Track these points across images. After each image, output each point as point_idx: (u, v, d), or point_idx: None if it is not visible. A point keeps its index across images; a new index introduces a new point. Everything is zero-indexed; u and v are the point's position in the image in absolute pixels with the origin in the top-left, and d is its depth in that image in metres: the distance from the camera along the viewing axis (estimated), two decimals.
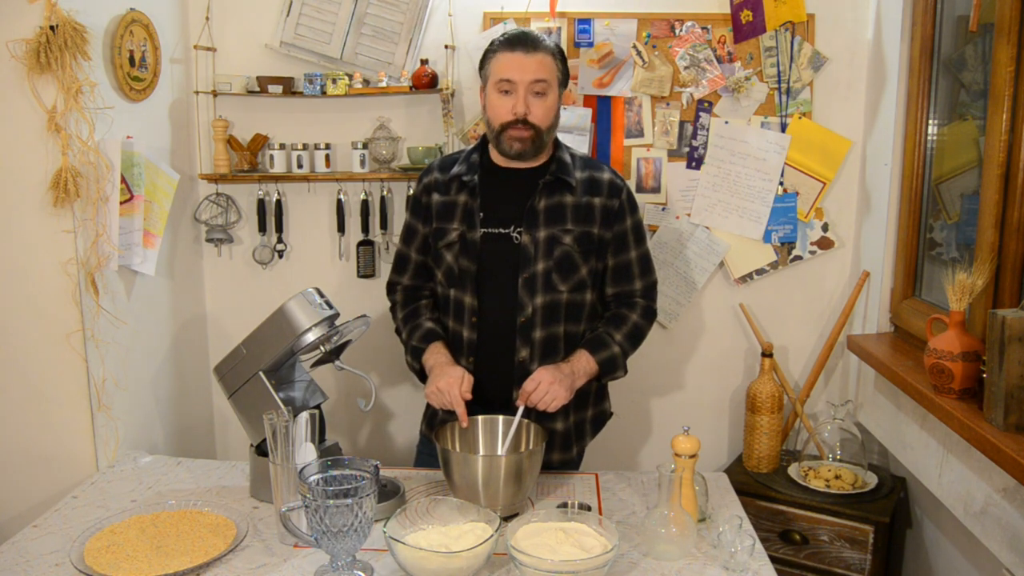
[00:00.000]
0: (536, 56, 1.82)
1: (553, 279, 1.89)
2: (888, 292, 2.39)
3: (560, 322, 1.92)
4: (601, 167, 1.98)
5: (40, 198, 1.92)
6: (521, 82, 1.82)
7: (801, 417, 2.54)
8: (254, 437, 1.84)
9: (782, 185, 2.55)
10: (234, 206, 2.63)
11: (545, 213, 1.89)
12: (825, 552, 2.25)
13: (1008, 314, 1.59)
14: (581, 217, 1.90)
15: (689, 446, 1.61)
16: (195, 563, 1.50)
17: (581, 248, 1.90)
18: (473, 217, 1.91)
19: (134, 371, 2.19)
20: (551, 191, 1.90)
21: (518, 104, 1.82)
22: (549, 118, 1.86)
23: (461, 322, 1.93)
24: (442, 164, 2.01)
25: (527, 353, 1.90)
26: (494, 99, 1.86)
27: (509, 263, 1.89)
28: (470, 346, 1.92)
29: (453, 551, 1.42)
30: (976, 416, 1.70)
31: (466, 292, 1.92)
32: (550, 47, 1.86)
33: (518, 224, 1.89)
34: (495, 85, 1.85)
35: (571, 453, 2.00)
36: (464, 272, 1.91)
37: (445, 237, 1.93)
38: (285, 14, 2.50)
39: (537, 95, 1.83)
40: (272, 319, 1.80)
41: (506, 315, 1.90)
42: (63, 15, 1.86)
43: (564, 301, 1.91)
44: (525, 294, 1.88)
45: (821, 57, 2.48)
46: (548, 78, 1.84)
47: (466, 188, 1.92)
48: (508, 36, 1.86)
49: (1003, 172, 1.79)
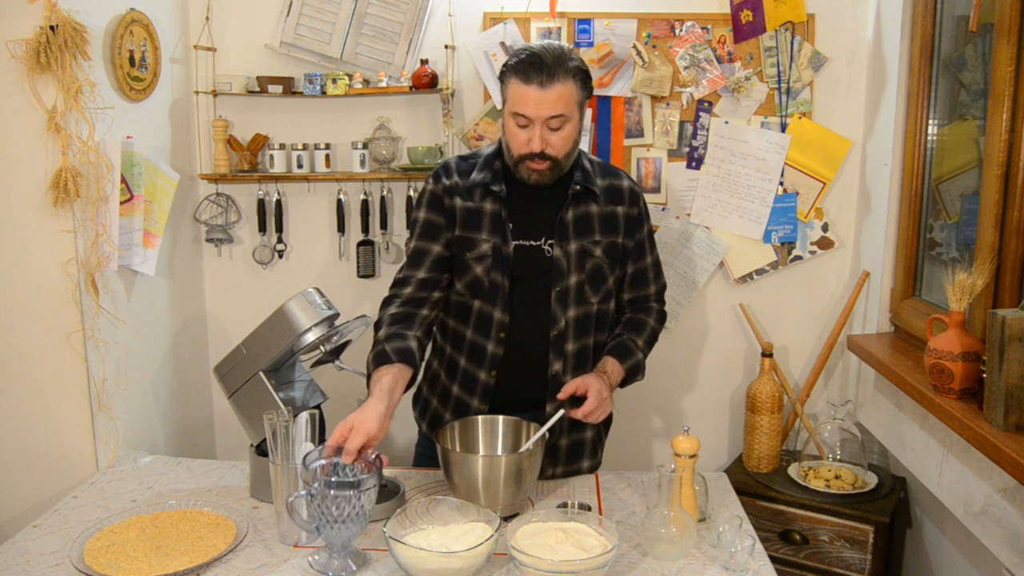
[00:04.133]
0: (553, 90, 1.69)
1: (585, 291, 1.86)
2: (888, 292, 2.39)
3: (591, 334, 1.90)
4: (619, 174, 1.94)
5: (40, 198, 1.92)
6: (537, 119, 1.71)
7: (801, 417, 2.54)
8: (254, 437, 1.84)
9: (782, 185, 2.55)
10: (234, 206, 2.63)
11: (574, 224, 1.85)
12: (825, 552, 2.25)
13: (1008, 314, 1.59)
14: (607, 227, 1.88)
15: (689, 446, 1.61)
16: (195, 563, 1.50)
17: (609, 259, 1.88)
18: (504, 229, 1.83)
19: (134, 371, 2.19)
20: (577, 201, 1.86)
21: (534, 141, 1.73)
22: (567, 147, 1.77)
23: (487, 336, 1.86)
24: (459, 168, 1.89)
25: (560, 366, 1.87)
26: (511, 126, 1.76)
27: (542, 276, 1.85)
28: (494, 360, 1.87)
29: (453, 551, 1.42)
30: (976, 416, 1.70)
31: (496, 306, 1.84)
32: (570, 71, 1.71)
33: (548, 236, 1.84)
34: (511, 114, 1.75)
35: (597, 459, 2.02)
36: (495, 286, 1.84)
37: (474, 248, 1.84)
38: (285, 14, 2.50)
39: (554, 130, 1.74)
40: (272, 319, 1.80)
41: (537, 329, 1.86)
42: (63, 15, 1.86)
43: (595, 312, 1.89)
44: (558, 307, 1.85)
45: (821, 57, 2.48)
46: (566, 111, 1.72)
47: (491, 196, 1.84)
48: (524, 61, 1.71)
49: (1003, 172, 1.79)
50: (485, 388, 1.88)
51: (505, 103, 1.78)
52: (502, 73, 1.77)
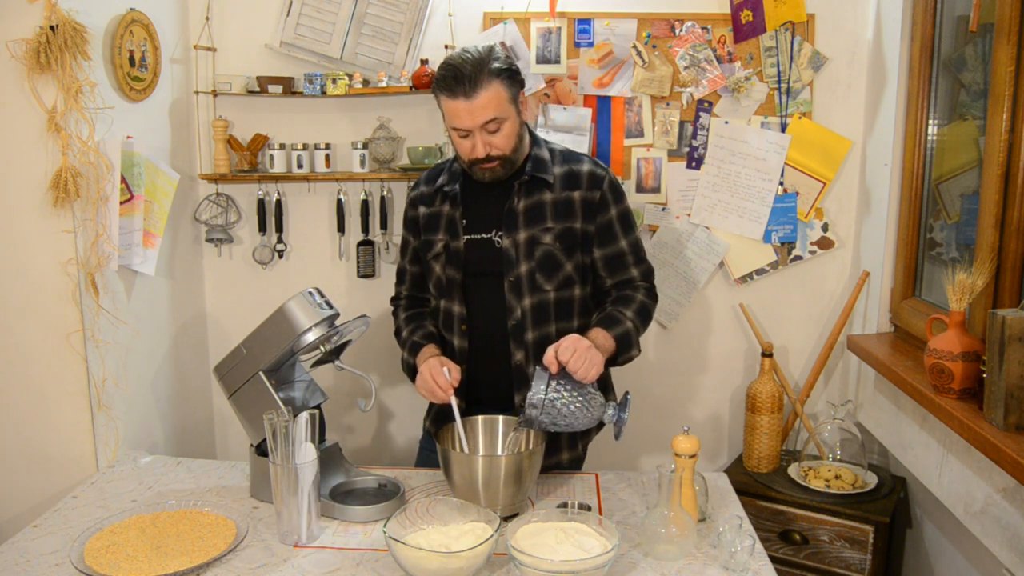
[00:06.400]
0: (478, 99, 1.73)
1: (538, 279, 1.88)
2: (888, 292, 2.39)
3: (551, 321, 1.91)
4: (580, 159, 1.93)
5: (40, 198, 1.92)
6: (473, 127, 1.77)
7: (801, 417, 2.54)
8: (254, 437, 1.84)
9: (782, 185, 2.55)
10: (234, 206, 2.63)
11: (524, 214, 1.87)
12: (825, 552, 2.25)
13: (1008, 314, 1.59)
14: (561, 213, 1.88)
15: (689, 446, 1.61)
16: (195, 563, 1.50)
17: (563, 245, 1.88)
18: (456, 226, 1.90)
19: (134, 371, 2.19)
20: (529, 191, 1.88)
21: (477, 147, 1.79)
22: (511, 143, 1.82)
23: (451, 331, 1.94)
24: (428, 177, 2.02)
25: (522, 356, 1.89)
26: (454, 137, 1.83)
27: (493, 268, 1.89)
28: (462, 354, 1.92)
29: (453, 551, 1.42)
30: (976, 416, 1.70)
31: (454, 301, 1.92)
32: (492, 73, 1.74)
33: (499, 228, 1.88)
34: (451, 128, 1.81)
35: (578, 451, 2.01)
36: (451, 281, 1.92)
37: (432, 248, 1.94)
38: (285, 14, 2.50)
39: (493, 132, 1.79)
40: (272, 319, 1.80)
41: (496, 320, 1.90)
42: (63, 15, 1.86)
43: (552, 300, 1.89)
44: (512, 297, 1.88)
45: (821, 57, 2.48)
46: (498, 113, 1.77)
47: (448, 198, 1.92)
48: (446, 77, 1.75)
49: (1003, 172, 1.79)
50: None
51: (443, 117, 1.83)
52: (432, 90, 1.83)
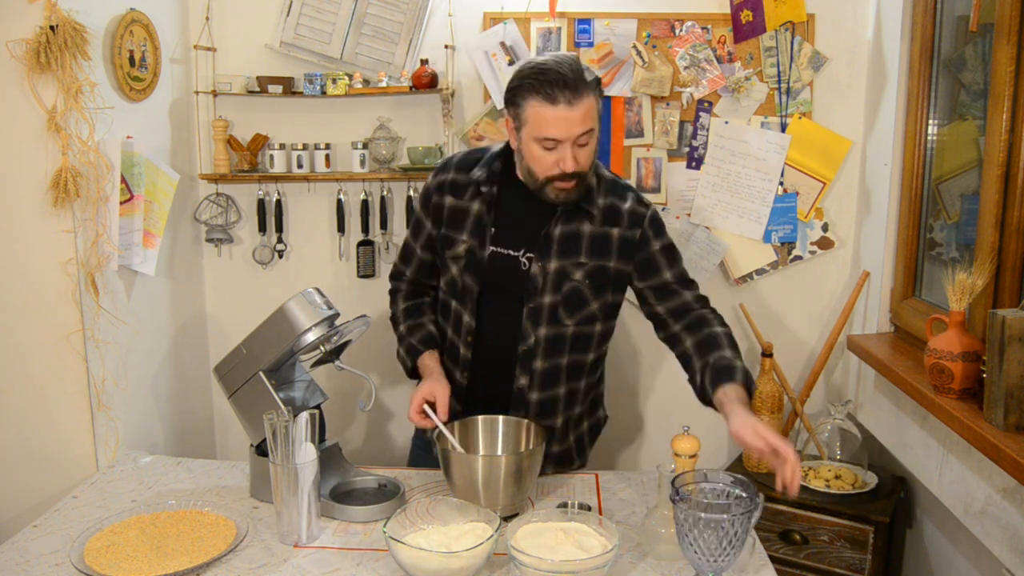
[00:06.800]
0: (581, 107, 1.60)
1: (560, 313, 1.78)
2: (888, 292, 2.39)
3: (564, 353, 1.83)
4: (624, 194, 1.81)
5: (40, 198, 1.92)
6: (568, 139, 1.62)
7: (801, 417, 2.54)
8: (254, 437, 1.84)
9: (782, 185, 2.55)
10: (234, 206, 2.63)
11: (559, 242, 1.76)
12: (825, 552, 2.25)
13: (1008, 314, 1.59)
14: (596, 249, 1.77)
15: (689, 446, 1.61)
16: (195, 563, 1.50)
17: (592, 283, 1.78)
18: (484, 232, 1.79)
19: (134, 371, 2.19)
20: (568, 217, 1.76)
21: (566, 162, 1.63)
22: (592, 160, 1.70)
23: (459, 336, 1.87)
24: (460, 163, 1.85)
25: (526, 381, 1.83)
26: (534, 150, 1.65)
27: (515, 289, 1.78)
28: (465, 363, 1.87)
29: (453, 551, 1.42)
30: (976, 416, 1.70)
31: (466, 309, 1.83)
32: (591, 83, 1.62)
33: (529, 249, 1.77)
34: (535, 139, 1.64)
35: (584, 457, 2.01)
36: (467, 289, 1.82)
37: (452, 248, 1.83)
38: (285, 14, 2.50)
39: (582, 146, 1.65)
40: (272, 319, 1.80)
41: (507, 340, 1.82)
42: (63, 15, 1.86)
43: (570, 334, 1.81)
44: (529, 324, 1.79)
45: (821, 57, 2.48)
46: (594, 125, 1.64)
47: (481, 197, 1.79)
48: (544, 80, 1.59)
49: (1003, 172, 1.79)
50: (459, 388, 1.89)
51: (522, 128, 1.67)
52: (514, 93, 1.66)
